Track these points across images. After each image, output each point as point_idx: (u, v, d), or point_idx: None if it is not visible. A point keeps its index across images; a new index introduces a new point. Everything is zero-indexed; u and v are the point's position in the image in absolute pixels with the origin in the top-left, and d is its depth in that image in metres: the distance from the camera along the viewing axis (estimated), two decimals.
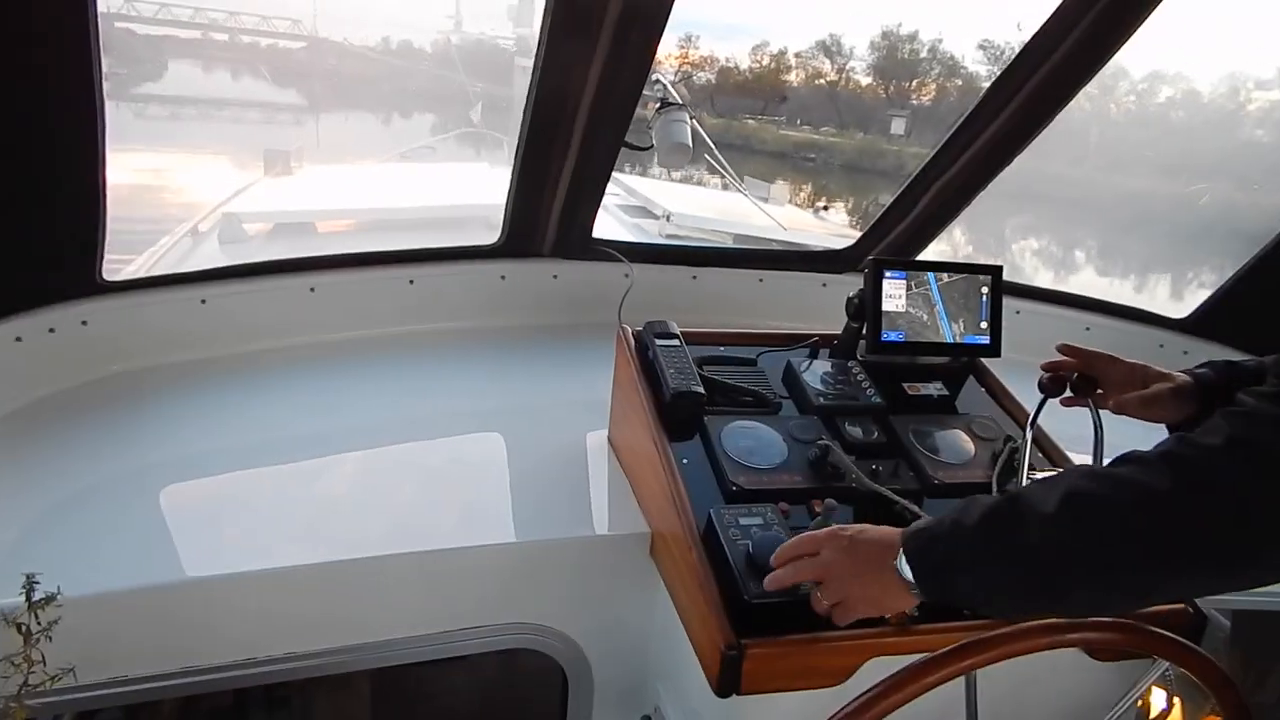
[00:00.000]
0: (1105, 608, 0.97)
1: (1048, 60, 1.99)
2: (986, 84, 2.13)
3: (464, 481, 1.63)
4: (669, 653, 1.47)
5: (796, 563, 1.12)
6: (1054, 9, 1.90)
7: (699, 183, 5.80)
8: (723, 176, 3.94)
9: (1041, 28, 1.95)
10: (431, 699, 1.81)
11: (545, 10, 1.72)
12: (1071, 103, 2.10)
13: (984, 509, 0.98)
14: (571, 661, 1.52)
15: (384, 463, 1.70)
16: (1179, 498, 0.85)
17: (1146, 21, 1.89)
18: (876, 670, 1.01)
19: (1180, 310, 2.58)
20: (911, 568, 1.01)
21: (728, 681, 1.12)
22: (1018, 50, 2.03)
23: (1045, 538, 0.91)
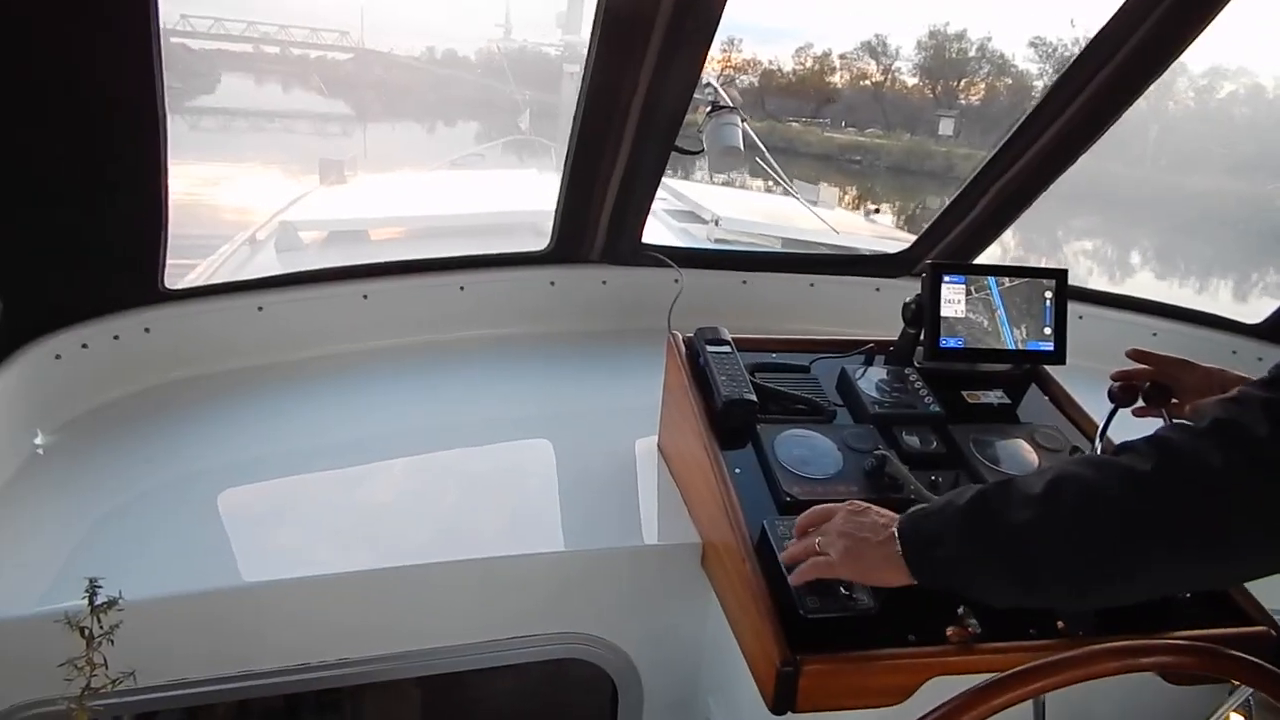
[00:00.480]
0: (1080, 595, 0.97)
1: (1112, 58, 1.92)
2: (1038, 82, 2.07)
3: (513, 488, 1.63)
4: (721, 666, 1.44)
5: (810, 534, 1.13)
6: (1118, 5, 1.83)
7: (740, 186, 5.76)
8: (765, 179, 3.91)
9: (1106, 24, 1.88)
10: (481, 708, 1.81)
11: (595, 15, 1.71)
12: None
13: (977, 490, 0.99)
14: (621, 672, 1.50)
15: (434, 469, 1.70)
16: (1156, 476, 0.85)
17: (1218, 16, 1.81)
18: (937, 691, 0.98)
19: (1254, 315, 2.47)
20: (902, 544, 1.02)
21: (783, 698, 1.09)
22: (1080, 47, 1.97)
23: (1025, 518, 0.91)
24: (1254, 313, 2.47)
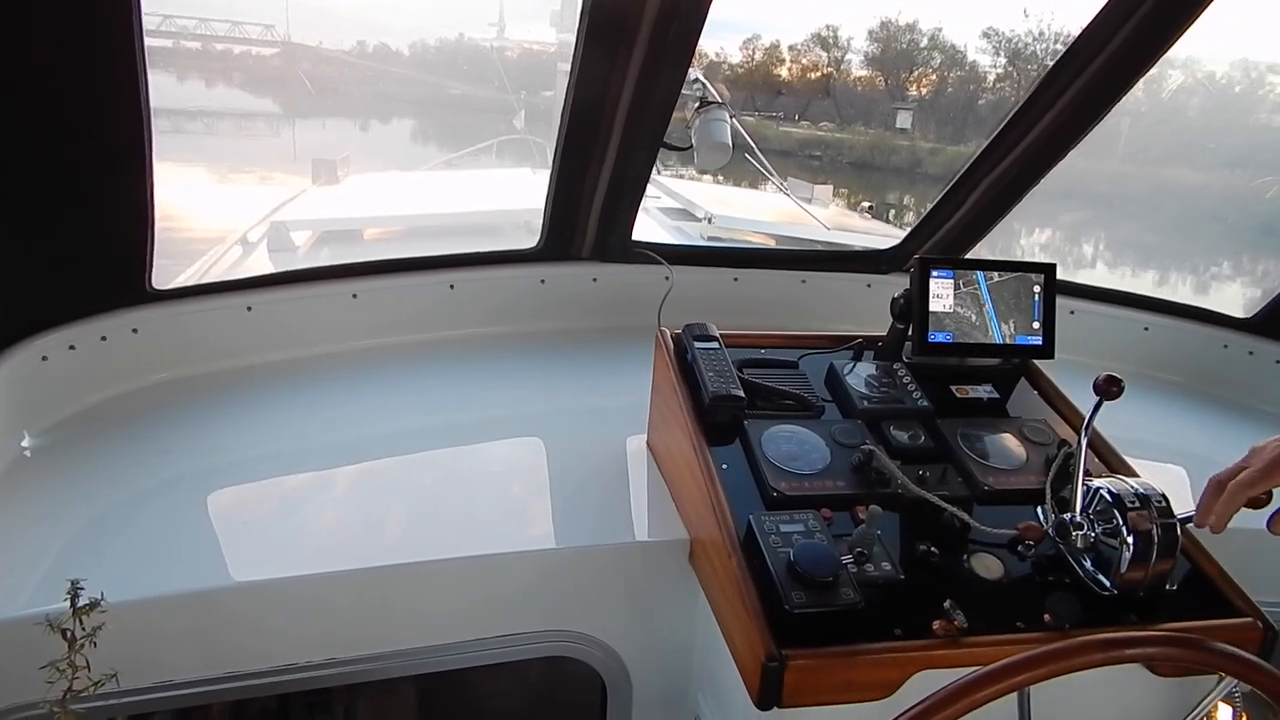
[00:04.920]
0: None
1: (1101, 52, 1.92)
2: (990, 73, 2.07)
3: (504, 486, 1.63)
4: (710, 663, 1.44)
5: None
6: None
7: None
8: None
9: (1092, 19, 1.88)
10: (471, 706, 1.80)
11: (581, 13, 1.71)
12: None
13: None
14: (610, 670, 1.50)
15: (424, 468, 1.70)
16: None
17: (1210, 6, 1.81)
18: (924, 684, 0.98)
19: (1243, 309, 2.47)
20: None
21: (769, 694, 1.09)
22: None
23: None
24: (1227, 302, 2.46)
